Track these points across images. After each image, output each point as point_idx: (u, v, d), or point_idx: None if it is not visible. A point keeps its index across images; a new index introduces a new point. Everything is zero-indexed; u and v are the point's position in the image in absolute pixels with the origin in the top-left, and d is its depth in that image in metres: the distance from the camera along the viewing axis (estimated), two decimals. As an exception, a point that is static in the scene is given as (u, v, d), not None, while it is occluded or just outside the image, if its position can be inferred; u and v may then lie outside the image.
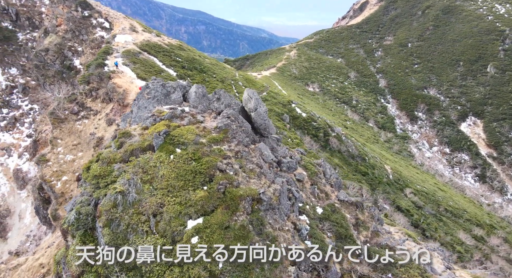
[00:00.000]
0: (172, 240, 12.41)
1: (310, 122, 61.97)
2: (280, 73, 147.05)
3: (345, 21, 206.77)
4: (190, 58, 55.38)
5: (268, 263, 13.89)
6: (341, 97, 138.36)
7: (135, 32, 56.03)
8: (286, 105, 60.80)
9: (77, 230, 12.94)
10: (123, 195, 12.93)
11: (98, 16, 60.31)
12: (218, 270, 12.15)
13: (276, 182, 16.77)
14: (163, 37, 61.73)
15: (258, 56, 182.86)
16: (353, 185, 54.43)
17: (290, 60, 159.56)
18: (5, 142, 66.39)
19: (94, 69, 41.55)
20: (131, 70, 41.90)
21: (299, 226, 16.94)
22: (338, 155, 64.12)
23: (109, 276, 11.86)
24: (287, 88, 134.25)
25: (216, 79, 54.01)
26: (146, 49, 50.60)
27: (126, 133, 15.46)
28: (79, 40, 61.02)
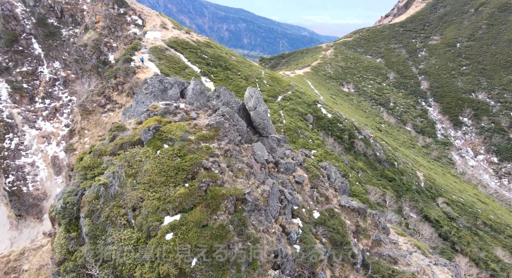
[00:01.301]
0: (147, 235, 12.54)
1: (335, 124, 60.32)
2: (314, 73, 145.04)
3: (388, 19, 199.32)
4: (216, 55, 56.00)
5: (245, 265, 13.66)
6: (377, 99, 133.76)
7: (165, 29, 57.62)
8: (311, 105, 59.63)
9: (63, 219, 13.47)
10: (106, 187, 13.27)
11: (132, 14, 62.80)
12: (190, 268, 12.10)
13: (266, 183, 16.44)
14: (192, 34, 62.94)
15: (294, 55, 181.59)
16: (375, 190, 52.33)
17: (326, 60, 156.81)
18: (46, 130, 71.36)
19: (121, 64, 43.29)
20: (156, 66, 43.16)
21: (288, 229, 16.50)
22: (363, 158, 61.88)
23: (85, 266, 12.24)
24: (320, 88, 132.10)
25: (240, 77, 54.17)
26: (173, 46, 51.87)
27: (120, 127, 15.86)
28: (114, 36, 63.95)
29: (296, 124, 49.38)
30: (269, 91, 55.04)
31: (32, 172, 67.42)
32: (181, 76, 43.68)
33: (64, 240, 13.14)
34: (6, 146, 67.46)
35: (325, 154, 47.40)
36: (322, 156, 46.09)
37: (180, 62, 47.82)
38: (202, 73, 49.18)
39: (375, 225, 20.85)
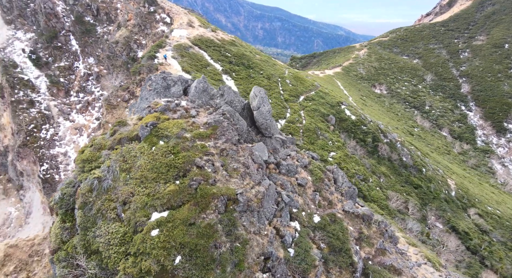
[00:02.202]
0: (134, 230, 12.76)
1: (358, 126, 58.58)
2: (345, 73, 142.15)
3: (429, 18, 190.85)
4: (239, 53, 56.18)
5: (232, 265, 13.54)
6: (411, 102, 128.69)
7: (191, 27, 58.64)
8: (334, 106, 58.29)
9: (60, 209, 14.04)
10: (99, 181, 13.66)
11: (161, 12, 64.50)
12: (172, 265, 12.16)
13: (262, 184, 16.20)
14: (218, 32, 63.57)
15: (326, 55, 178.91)
16: (397, 197, 50.30)
17: (358, 60, 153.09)
18: (79, 122, 75.22)
19: (145, 61, 44.58)
20: (178, 63, 44.02)
21: (282, 232, 16.17)
22: (387, 163, 59.65)
23: (74, 257, 12.67)
24: (350, 88, 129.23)
25: (262, 76, 53.99)
26: (198, 44, 52.66)
27: (121, 122, 16.26)
28: (144, 33, 66.03)
29: (316, 125, 48.47)
30: (291, 91, 54.42)
31: (64, 162, 71.33)
32: (202, 74, 44.24)
33: (59, 229, 13.69)
34: (42, 135, 71.82)
35: (345, 156, 46.17)
36: (341, 158, 44.93)
37: (202, 60, 48.45)
38: (224, 71, 49.54)
39: (380, 233, 19.98)
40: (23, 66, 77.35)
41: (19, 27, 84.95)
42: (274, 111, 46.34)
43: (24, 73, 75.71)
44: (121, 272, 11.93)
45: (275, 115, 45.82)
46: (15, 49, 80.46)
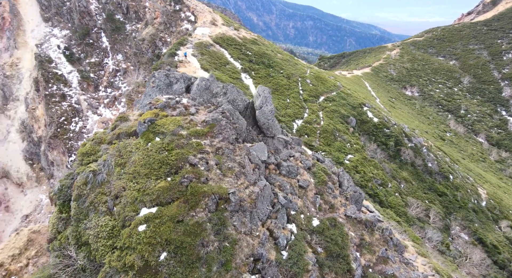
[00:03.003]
0: (123, 224, 12.97)
1: (381, 129, 56.67)
2: (374, 74, 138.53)
3: (470, 17, 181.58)
4: (260, 52, 55.99)
5: (218, 265, 13.45)
6: (445, 105, 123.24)
7: (214, 26, 59.16)
8: (355, 108, 56.72)
9: (58, 200, 14.56)
10: (94, 174, 14.02)
11: (186, 10, 65.59)
12: (156, 261, 12.24)
13: (258, 185, 15.99)
14: (241, 30, 63.71)
15: (355, 55, 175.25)
16: (417, 204, 48.21)
17: (389, 60, 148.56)
18: (106, 116, 78.24)
19: (166, 58, 45.49)
20: (197, 61, 44.56)
21: (276, 234, 15.89)
22: (410, 168, 57.30)
23: (66, 247, 13.09)
24: (379, 90, 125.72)
25: (282, 75, 53.49)
26: (219, 42, 53.03)
27: (123, 118, 16.62)
28: (169, 31, 67.45)
29: (334, 127, 47.37)
30: (311, 91, 53.53)
31: (91, 154, 74.46)
32: (220, 72, 44.56)
33: (56, 220, 14.20)
34: (72, 128, 75.39)
35: (363, 159, 44.81)
36: (359, 161, 43.65)
37: (222, 58, 48.75)
38: (243, 69, 49.55)
39: (384, 241, 19.18)
40: (58, 62, 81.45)
41: (55, 24, 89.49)
42: (291, 111, 45.81)
43: (58, 68, 79.73)
44: (106, 265, 12.17)
45: (292, 115, 45.28)
46: (51, 45, 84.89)
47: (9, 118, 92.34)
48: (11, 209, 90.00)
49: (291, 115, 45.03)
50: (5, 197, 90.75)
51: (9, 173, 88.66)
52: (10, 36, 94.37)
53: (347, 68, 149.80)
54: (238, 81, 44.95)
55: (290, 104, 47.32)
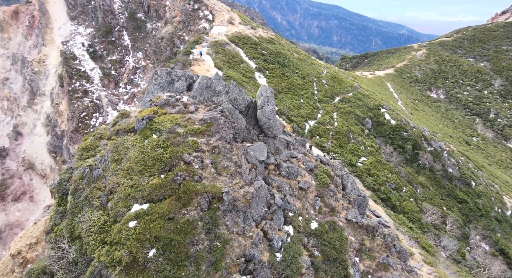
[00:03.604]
0: (114, 220, 13.13)
1: (398, 132, 55.05)
2: (397, 75, 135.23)
3: (505, 16, 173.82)
4: (276, 52, 55.65)
5: (207, 264, 13.38)
6: (473, 108, 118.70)
7: (231, 24, 59.31)
8: (372, 110, 55.36)
9: (57, 193, 14.94)
10: (91, 169, 14.28)
11: (204, 9, 66.13)
12: (144, 258, 12.29)
13: (253, 185, 15.82)
14: (258, 29, 63.56)
15: (379, 55, 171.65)
16: (433, 210, 46.51)
17: (414, 61, 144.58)
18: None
19: (181, 56, 46.02)
20: (212, 60, 44.81)
21: (270, 236, 15.66)
22: (428, 173, 55.37)
23: (60, 240, 13.41)
24: (401, 91, 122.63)
25: (297, 75, 52.94)
26: (234, 41, 53.10)
27: (123, 114, 16.87)
28: (187, 30, 68.27)
29: (348, 128, 46.41)
30: (326, 92, 52.68)
31: (109, 149, 76.63)
32: (234, 71, 44.61)
33: (54, 212, 14.58)
34: (92, 123, 77.83)
35: (377, 162, 43.66)
36: (372, 164, 42.55)
37: (237, 57, 48.79)
38: (257, 69, 49.40)
39: (386, 247, 18.56)
40: (81, 59, 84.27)
41: (81, 22, 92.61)
42: (304, 112, 45.25)
43: (81, 65, 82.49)
44: (95, 260, 12.36)
45: (305, 115, 44.70)
46: (76, 43, 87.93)
47: (35, 112, 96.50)
48: (35, 199, 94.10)
49: (304, 116, 44.49)
50: (30, 188, 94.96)
51: (34, 165, 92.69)
52: (38, 33, 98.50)
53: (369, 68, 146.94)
54: (252, 80, 44.85)
55: (303, 105, 46.76)
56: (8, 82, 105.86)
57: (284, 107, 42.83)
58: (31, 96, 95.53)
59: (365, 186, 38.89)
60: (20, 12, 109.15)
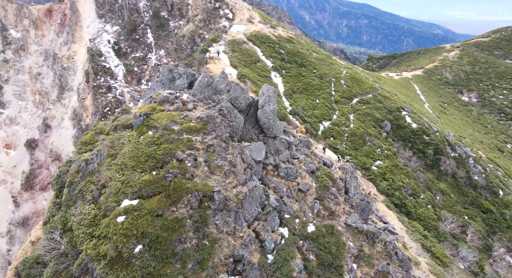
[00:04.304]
0: (104, 214, 13.32)
1: (419, 135, 52.91)
2: (426, 76, 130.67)
3: None
4: (294, 51, 54.95)
5: (194, 262, 13.31)
6: (509, 113, 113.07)
7: (250, 23, 59.16)
8: (392, 112, 53.52)
9: (56, 185, 15.37)
10: (86, 163, 14.57)
11: (225, 8, 66.39)
12: (129, 253, 12.37)
13: (247, 185, 15.61)
14: (278, 28, 63.03)
15: (408, 55, 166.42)
16: (453, 219, 44.37)
17: (446, 62, 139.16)
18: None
19: (198, 54, 46.38)
20: (228, 58, 44.87)
21: (263, 237, 15.41)
22: (450, 180, 52.90)
23: (52, 232, 13.77)
24: (429, 94, 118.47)
25: (314, 74, 52.02)
26: (252, 40, 52.91)
27: (124, 110, 17.11)
28: (208, 28, 68.82)
29: (365, 131, 45.08)
30: (344, 92, 51.44)
31: (130, 144, 78.73)
32: (249, 70, 44.44)
33: (51, 204, 15.01)
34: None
35: (393, 167, 42.14)
36: (388, 168, 41.12)
37: (254, 55, 48.58)
38: (273, 68, 48.96)
39: (386, 254, 17.82)
40: (107, 56, 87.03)
41: (108, 21, 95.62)
42: (318, 112, 44.37)
43: (106, 61, 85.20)
44: (83, 252, 12.57)
45: (319, 116, 43.83)
46: (102, 40, 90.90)
47: (64, 106, 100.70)
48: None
49: (318, 116, 43.64)
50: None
51: (60, 156, 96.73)
52: (69, 31, 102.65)
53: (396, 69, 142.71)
54: (267, 80, 44.52)
55: (318, 105, 45.89)
56: (40, 77, 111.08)
57: (298, 108, 42.22)
58: (60, 91, 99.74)
59: (378, 190, 37.65)
60: (53, 11, 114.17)
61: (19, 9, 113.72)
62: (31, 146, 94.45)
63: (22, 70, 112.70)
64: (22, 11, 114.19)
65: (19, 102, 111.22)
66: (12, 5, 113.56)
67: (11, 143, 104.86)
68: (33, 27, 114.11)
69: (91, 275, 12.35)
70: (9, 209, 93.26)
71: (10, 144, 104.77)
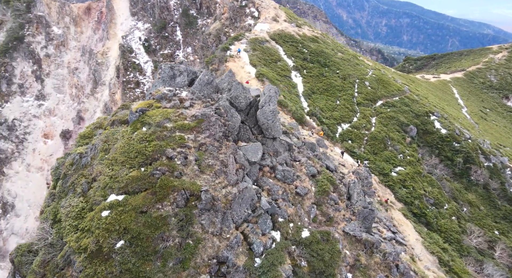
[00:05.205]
0: (90, 208, 13.51)
1: (448, 142, 49.86)
2: (467, 79, 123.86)
3: None
4: (318, 51, 53.66)
5: (175, 261, 13.16)
6: None
7: (275, 22, 58.57)
8: (420, 116, 50.83)
9: (54, 176, 15.85)
10: (80, 157, 14.88)
11: (251, 6, 66.23)
12: (109, 248, 12.41)
13: (238, 186, 15.25)
14: (304, 27, 61.90)
15: (449, 57, 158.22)
16: (480, 233, 41.42)
17: (491, 65, 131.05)
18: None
19: (219, 52, 46.60)
20: (248, 57, 44.68)
21: (251, 240, 14.99)
22: (481, 191, 49.46)
23: (44, 222, 14.18)
24: (469, 98, 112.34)
25: (337, 75, 50.50)
26: (275, 38, 52.32)
27: (124, 106, 17.35)
28: (234, 26, 69.03)
29: (387, 135, 43.12)
30: (367, 94, 49.50)
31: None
32: (269, 69, 43.98)
33: (48, 194, 15.49)
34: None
35: (415, 174, 39.99)
36: (409, 175, 39.07)
37: (275, 54, 48.01)
38: (294, 67, 48.11)
39: (386, 266, 16.81)
40: (137, 52, 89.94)
41: (140, 18, 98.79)
42: (337, 114, 42.99)
43: (136, 58, 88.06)
44: (67, 245, 12.82)
45: (338, 118, 42.42)
46: (134, 37, 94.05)
47: (96, 100, 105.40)
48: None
49: (337, 118, 42.26)
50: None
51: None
52: (104, 28, 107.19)
53: (435, 71, 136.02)
54: (286, 79, 43.82)
55: (338, 107, 44.46)
56: (77, 71, 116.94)
57: (316, 108, 41.13)
58: (94, 85, 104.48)
59: (396, 197, 35.87)
60: (92, 8, 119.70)
61: (61, 7, 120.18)
62: (65, 136, 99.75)
63: (61, 65, 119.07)
64: (64, 9, 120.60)
65: (58, 95, 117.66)
66: (55, 3, 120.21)
67: (48, 133, 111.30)
68: (73, 24, 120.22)
69: (73, 267, 12.57)
70: (44, 195, 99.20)
71: (48, 133, 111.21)
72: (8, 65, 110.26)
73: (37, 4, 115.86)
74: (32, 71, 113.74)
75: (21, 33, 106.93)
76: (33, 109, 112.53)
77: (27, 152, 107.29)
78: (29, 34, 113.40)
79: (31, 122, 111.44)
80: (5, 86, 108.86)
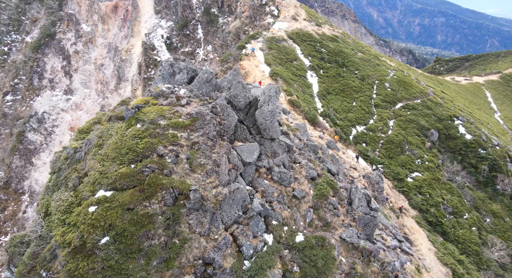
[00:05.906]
0: (79, 202, 13.57)
1: (473, 148, 47.21)
2: (503, 82, 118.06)
3: None
4: (336, 50, 52.27)
5: (159, 260, 12.97)
6: None
7: (294, 20, 57.67)
8: (442, 120, 48.44)
9: (52, 169, 16.11)
10: (75, 151, 15.01)
11: (271, 4, 65.58)
12: (93, 243, 12.38)
13: (230, 186, 14.88)
14: (324, 26, 60.57)
15: (484, 58, 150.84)
16: (503, 245, 38.94)
17: None
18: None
19: (235, 50, 46.38)
20: (263, 55, 44.18)
21: (240, 242, 14.60)
22: (507, 201, 46.50)
23: (38, 214, 14.41)
24: (504, 102, 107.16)
25: (355, 76, 48.96)
26: (293, 37, 51.46)
27: (124, 102, 17.40)
28: (253, 25, 68.67)
29: (404, 139, 41.34)
30: (387, 96, 47.67)
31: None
32: (283, 68, 43.29)
33: (44, 187, 15.75)
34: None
35: (433, 180, 38.08)
36: (427, 181, 37.25)
37: (291, 53, 47.22)
38: (310, 67, 47.09)
39: (383, 276, 15.95)
40: (159, 50, 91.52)
41: (163, 16, 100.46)
42: (353, 115, 41.63)
43: (158, 55, 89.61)
44: (53, 238, 12.92)
45: (353, 119, 41.05)
46: (156, 35, 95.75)
47: (119, 95, 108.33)
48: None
49: (352, 120, 40.92)
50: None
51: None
52: (129, 26, 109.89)
53: (468, 73, 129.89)
54: (301, 79, 42.96)
55: (354, 108, 43.08)
56: (103, 68, 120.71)
57: (330, 109, 40.01)
58: (118, 81, 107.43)
59: (410, 204, 34.29)
60: (118, 7, 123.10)
61: (91, 5, 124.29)
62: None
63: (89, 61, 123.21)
64: (93, 7, 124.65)
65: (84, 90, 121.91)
66: (85, 2, 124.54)
67: (74, 126, 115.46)
68: (100, 21, 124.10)
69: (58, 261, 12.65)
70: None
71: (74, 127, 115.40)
72: (40, 61, 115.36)
73: (68, 2, 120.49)
74: (61, 66, 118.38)
75: (53, 30, 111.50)
76: (61, 103, 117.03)
77: (54, 143, 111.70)
78: (60, 31, 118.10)
79: (59, 115, 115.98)
80: (36, 81, 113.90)
